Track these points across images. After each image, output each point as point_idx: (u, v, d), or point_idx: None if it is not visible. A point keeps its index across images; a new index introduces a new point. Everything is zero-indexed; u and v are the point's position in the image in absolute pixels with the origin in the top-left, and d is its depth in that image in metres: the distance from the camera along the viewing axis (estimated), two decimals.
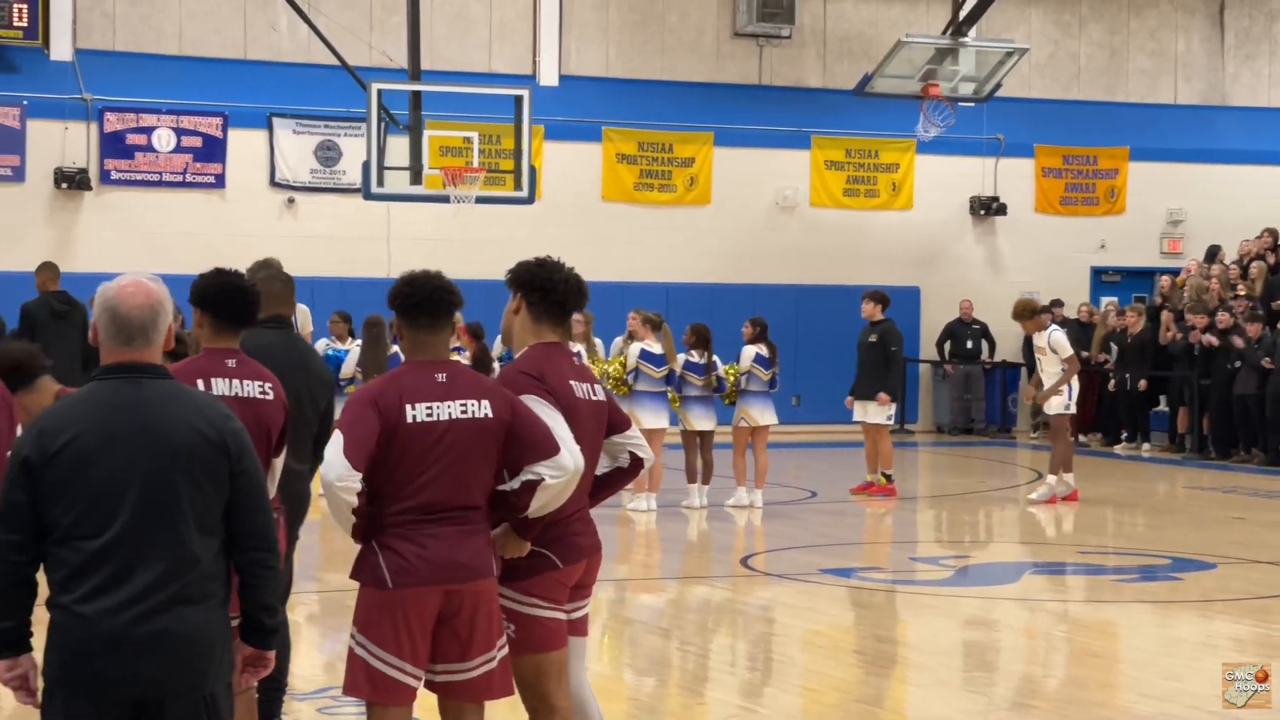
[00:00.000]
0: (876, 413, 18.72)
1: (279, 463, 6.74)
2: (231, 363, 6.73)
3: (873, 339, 18.83)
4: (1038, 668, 10.94)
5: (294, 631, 11.03)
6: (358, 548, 5.97)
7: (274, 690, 7.54)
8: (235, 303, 6.78)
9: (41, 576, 4.87)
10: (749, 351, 17.75)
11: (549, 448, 5.96)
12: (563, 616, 6.31)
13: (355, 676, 5.87)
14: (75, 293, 17.82)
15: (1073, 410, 18.95)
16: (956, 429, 28.41)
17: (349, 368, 17.69)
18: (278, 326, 7.73)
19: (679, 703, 9.53)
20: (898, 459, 20.16)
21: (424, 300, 5.99)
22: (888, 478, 19.00)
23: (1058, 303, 27.17)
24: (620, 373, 17.18)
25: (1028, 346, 24.60)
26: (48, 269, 17.32)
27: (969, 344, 28.32)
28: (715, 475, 17.90)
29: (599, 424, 6.44)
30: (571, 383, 6.31)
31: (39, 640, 4.94)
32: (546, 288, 6.33)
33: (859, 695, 9.57)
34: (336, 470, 5.71)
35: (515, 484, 5.99)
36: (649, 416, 16.91)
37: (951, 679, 10.19)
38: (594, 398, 6.42)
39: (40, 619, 4.91)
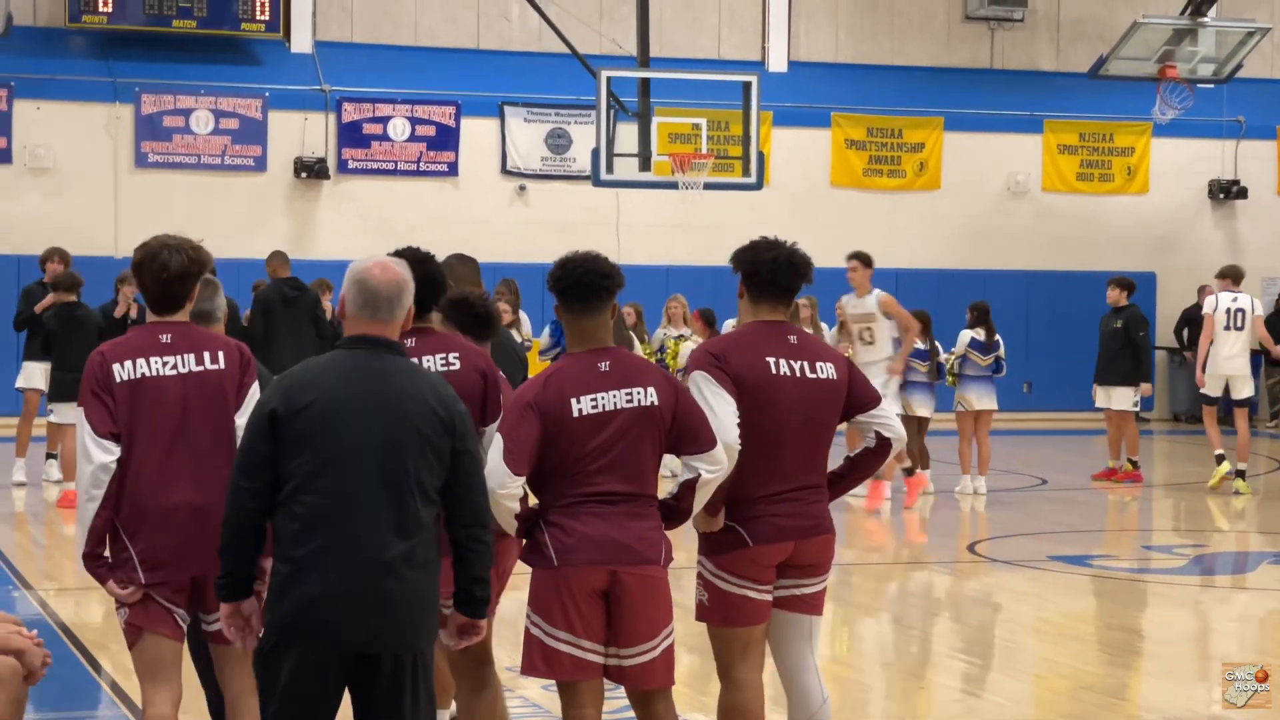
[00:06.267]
0: (1121, 399, 18.45)
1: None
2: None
3: (1117, 325, 18.57)
4: (1273, 658, 10.66)
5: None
6: None
7: None
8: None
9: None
10: (964, 336, 17.56)
11: (706, 440, 5.89)
12: (758, 595, 6.20)
13: (531, 656, 5.87)
14: (313, 280, 18.29)
15: None
16: (1195, 417, 27.72)
17: None
18: None
19: (901, 687, 9.49)
20: None
21: (574, 284, 5.89)
22: (1134, 464, 18.71)
23: None
24: None
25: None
26: (278, 257, 17.83)
27: None
28: (936, 462, 17.75)
29: (819, 402, 6.22)
30: (770, 359, 6.14)
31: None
32: (751, 269, 6.26)
33: (1088, 683, 9.44)
34: (498, 478, 5.67)
35: (674, 489, 5.95)
36: None
37: (1183, 668, 10.01)
38: (811, 375, 6.20)
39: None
